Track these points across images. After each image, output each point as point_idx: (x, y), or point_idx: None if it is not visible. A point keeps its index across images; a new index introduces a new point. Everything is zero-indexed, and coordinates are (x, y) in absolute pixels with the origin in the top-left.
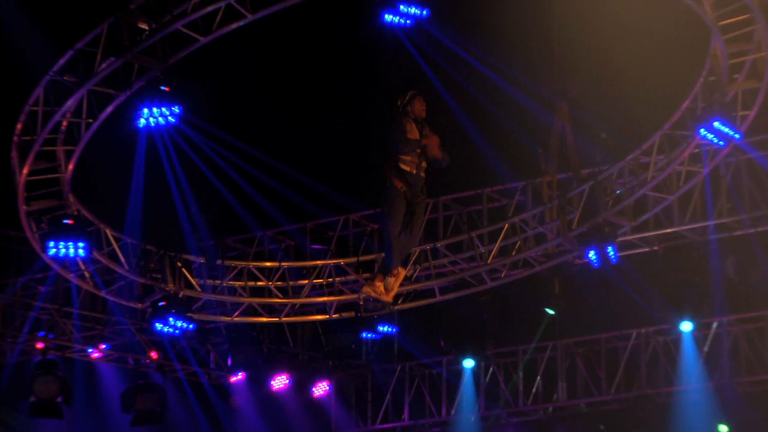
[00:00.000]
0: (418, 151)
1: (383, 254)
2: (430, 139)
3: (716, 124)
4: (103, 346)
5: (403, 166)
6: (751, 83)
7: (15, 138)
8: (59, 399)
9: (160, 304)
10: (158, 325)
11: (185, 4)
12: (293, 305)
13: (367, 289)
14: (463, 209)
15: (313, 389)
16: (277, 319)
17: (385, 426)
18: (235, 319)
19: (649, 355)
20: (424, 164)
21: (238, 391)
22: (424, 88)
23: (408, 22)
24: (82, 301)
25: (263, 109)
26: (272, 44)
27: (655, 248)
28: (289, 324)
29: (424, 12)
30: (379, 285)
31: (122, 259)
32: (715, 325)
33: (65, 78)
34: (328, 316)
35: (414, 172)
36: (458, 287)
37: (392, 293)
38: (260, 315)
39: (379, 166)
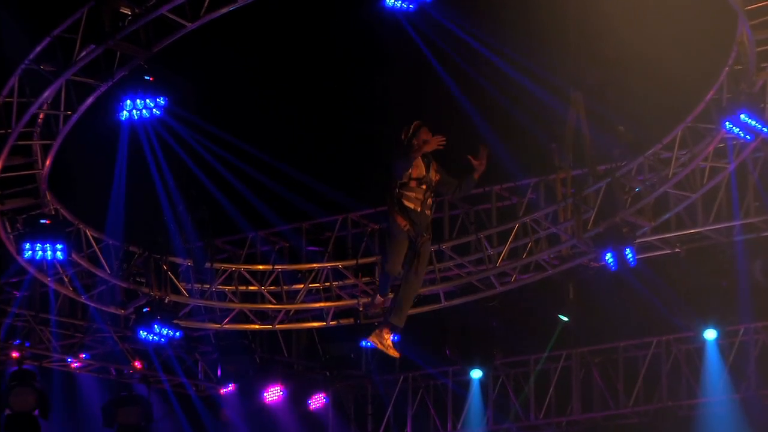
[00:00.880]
0: (424, 187)
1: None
2: (437, 174)
3: (743, 116)
4: (84, 356)
5: (407, 203)
6: None
7: None
8: (36, 412)
9: (145, 310)
10: (142, 333)
11: None
12: (287, 311)
13: (373, 339)
14: (470, 208)
15: (309, 402)
16: (270, 326)
17: None
18: (225, 326)
19: (670, 365)
20: (429, 201)
21: (229, 403)
22: (428, 77)
23: (411, 6)
24: (61, 307)
25: (255, 101)
26: (265, 31)
27: (677, 250)
28: (283, 331)
29: None
30: (387, 337)
31: (103, 261)
32: (741, 332)
33: (42, 67)
34: (325, 323)
35: (418, 210)
36: (465, 292)
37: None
38: (252, 322)
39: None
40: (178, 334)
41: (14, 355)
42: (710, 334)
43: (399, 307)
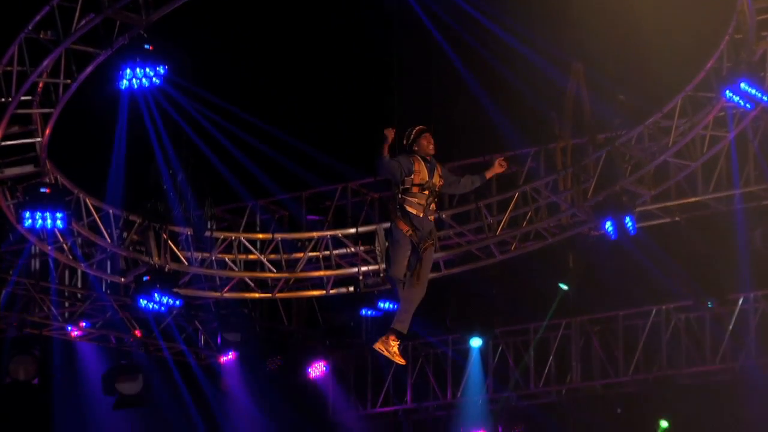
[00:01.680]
0: (426, 192)
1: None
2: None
3: (743, 85)
4: (84, 324)
5: (408, 208)
6: None
7: None
8: (36, 380)
9: (145, 278)
10: (142, 302)
11: None
12: (287, 280)
13: (379, 346)
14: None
15: (309, 370)
16: (270, 294)
17: (387, 409)
18: (225, 294)
19: (669, 333)
20: (432, 206)
21: (229, 372)
22: (429, 47)
23: None
24: (61, 275)
25: (255, 70)
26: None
27: (677, 219)
28: (282, 300)
29: None
30: (393, 344)
31: (103, 230)
32: (741, 301)
33: (41, 36)
34: (324, 292)
35: (421, 215)
36: (465, 261)
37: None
38: (252, 290)
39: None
40: (178, 302)
41: (14, 323)
42: (708, 303)
43: (403, 314)
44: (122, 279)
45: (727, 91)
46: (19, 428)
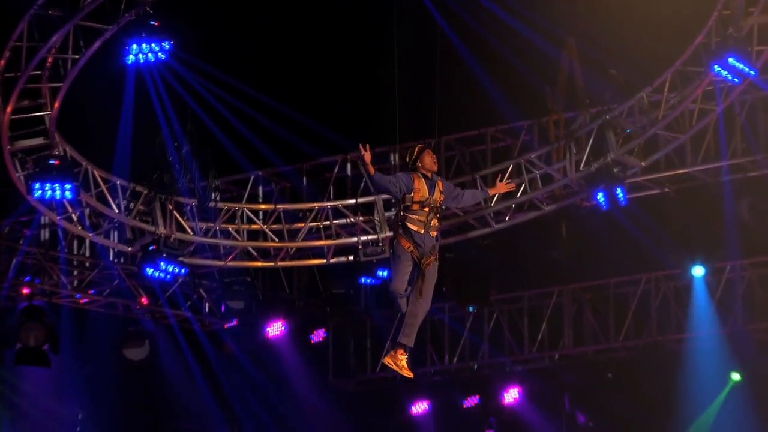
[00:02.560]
0: (426, 209)
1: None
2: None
3: (731, 60)
4: (92, 292)
5: (410, 225)
6: (767, 17)
7: None
8: (46, 346)
9: (151, 248)
10: (149, 270)
11: None
12: (289, 249)
13: (388, 361)
14: (465, 149)
15: (311, 336)
16: (273, 263)
17: (385, 375)
18: (229, 263)
19: (659, 300)
20: (434, 223)
21: (232, 338)
22: (427, 23)
23: None
24: (70, 244)
25: (257, 46)
26: None
27: (666, 190)
28: (284, 269)
29: None
30: (401, 358)
31: (111, 201)
32: (728, 269)
33: (50, 12)
34: (325, 261)
35: (422, 231)
36: (460, 230)
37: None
38: (255, 259)
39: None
40: (183, 271)
41: (25, 291)
42: (698, 271)
43: (408, 328)
44: (129, 248)
45: (716, 66)
46: (29, 394)
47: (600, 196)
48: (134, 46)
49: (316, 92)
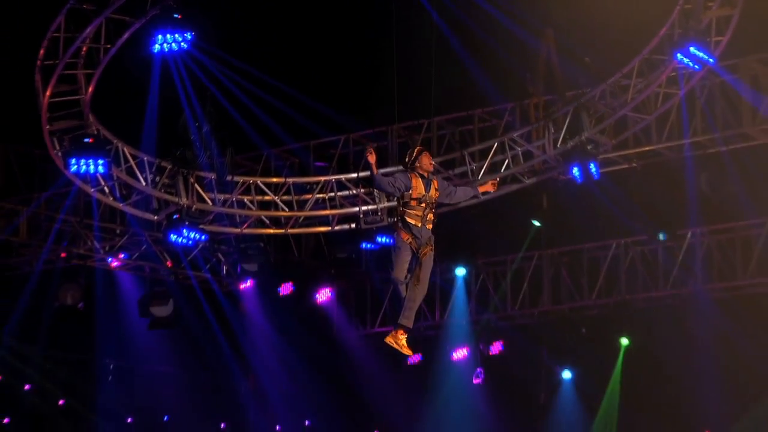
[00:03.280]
0: (423, 205)
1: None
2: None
3: (692, 49)
4: (122, 256)
5: (409, 219)
6: (724, 11)
7: (38, 62)
8: (81, 305)
9: (175, 216)
10: (173, 236)
11: None
12: (298, 218)
13: (389, 340)
14: (455, 129)
15: (317, 296)
16: (283, 230)
17: (383, 329)
18: (244, 230)
19: (628, 263)
20: (430, 217)
21: (247, 297)
22: (420, 15)
23: None
24: (102, 213)
25: (270, 36)
26: None
27: (634, 165)
28: (293, 235)
29: None
30: (402, 337)
31: (139, 175)
32: (689, 235)
33: (84, 6)
34: (330, 228)
35: (419, 225)
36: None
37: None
38: (267, 227)
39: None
40: (203, 237)
41: (63, 255)
42: (662, 237)
43: (407, 311)
44: (155, 217)
45: (678, 54)
46: (67, 347)
47: (575, 171)
48: (159, 37)
49: (323, 78)
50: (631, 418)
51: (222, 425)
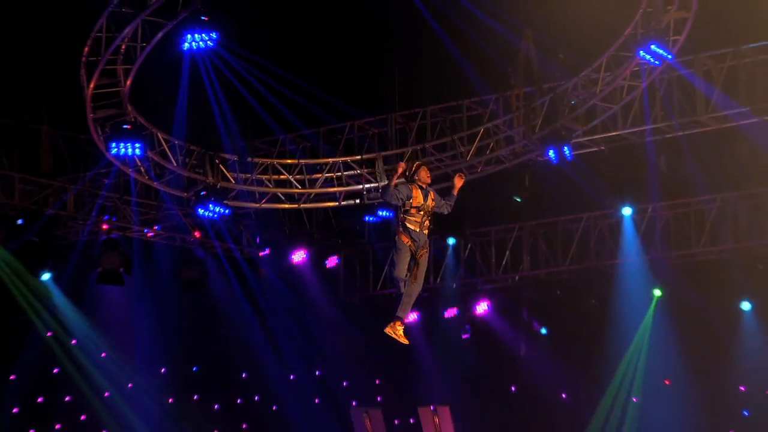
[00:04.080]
0: (422, 213)
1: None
2: (432, 202)
3: (653, 46)
4: (156, 227)
5: (409, 225)
6: (681, 13)
7: (83, 59)
8: (121, 269)
9: (202, 193)
10: (200, 210)
11: None
12: (309, 194)
13: (388, 330)
14: (446, 117)
15: (326, 262)
16: (296, 205)
17: (384, 291)
18: (262, 205)
19: (597, 234)
20: (426, 223)
21: (265, 263)
22: (416, 17)
23: None
24: (139, 191)
25: (285, 35)
26: None
27: (602, 148)
28: (306, 209)
29: None
30: (399, 328)
31: (171, 157)
32: (650, 209)
33: (124, 10)
34: (337, 203)
35: (418, 230)
36: (442, 180)
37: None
38: (282, 202)
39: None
40: (227, 211)
41: (104, 227)
42: (627, 211)
43: (405, 305)
44: (185, 193)
45: (641, 52)
46: (108, 305)
47: (551, 153)
48: (188, 36)
49: (332, 72)
50: (596, 368)
51: (243, 374)
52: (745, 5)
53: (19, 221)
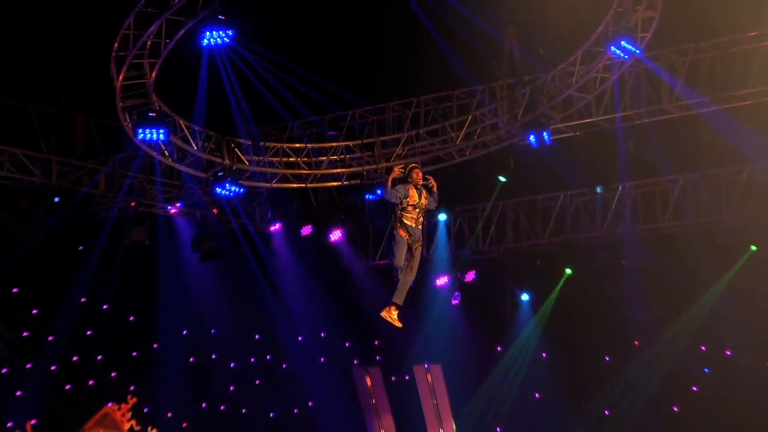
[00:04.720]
0: (417, 210)
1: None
2: (425, 201)
3: (623, 42)
4: (179, 204)
5: (405, 221)
6: (648, 13)
7: (113, 54)
8: (147, 242)
9: (219, 174)
10: (218, 189)
11: None
12: (315, 175)
13: (384, 314)
14: (438, 105)
15: (330, 236)
16: (304, 185)
17: (382, 262)
18: (273, 185)
19: (573, 210)
20: (421, 219)
21: (276, 237)
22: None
23: None
24: (163, 171)
25: (294, 31)
26: None
27: (578, 133)
28: (312, 188)
29: None
30: (394, 312)
31: (192, 141)
32: (620, 188)
33: (149, 10)
34: (340, 183)
35: (413, 225)
36: (434, 162)
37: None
38: (291, 182)
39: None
40: (242, 190)
41: (132, 204)
42: (599, 190)
43: (400, 292)
44: (204, 174)
45: (612, 47)
46: (136, 274)
47: (531, 138)
48: (207, 33)
49: (337, 64)
50: (574, 330)
51: (257, 336)
52: (705, 5)
53: (56, 199)
